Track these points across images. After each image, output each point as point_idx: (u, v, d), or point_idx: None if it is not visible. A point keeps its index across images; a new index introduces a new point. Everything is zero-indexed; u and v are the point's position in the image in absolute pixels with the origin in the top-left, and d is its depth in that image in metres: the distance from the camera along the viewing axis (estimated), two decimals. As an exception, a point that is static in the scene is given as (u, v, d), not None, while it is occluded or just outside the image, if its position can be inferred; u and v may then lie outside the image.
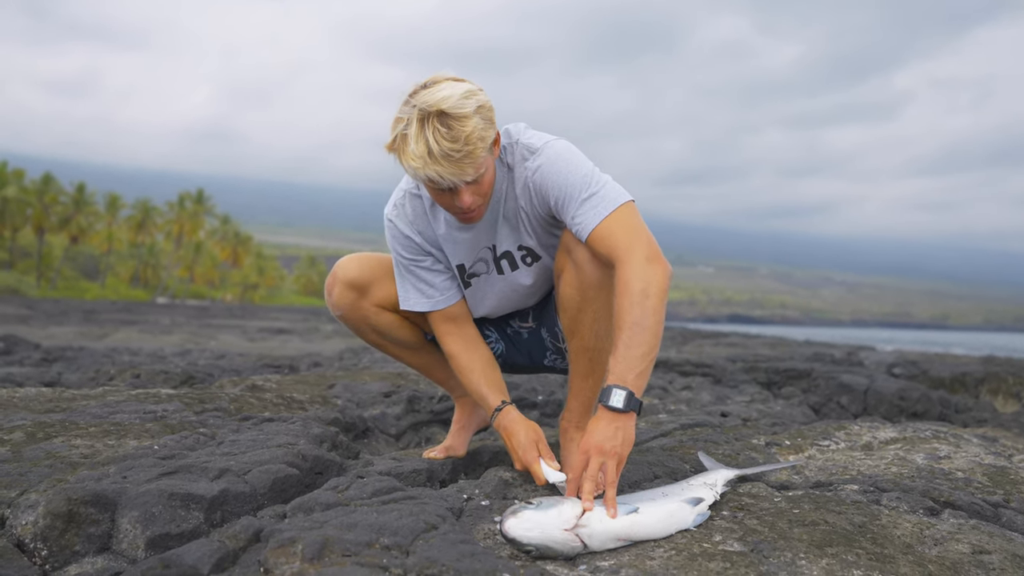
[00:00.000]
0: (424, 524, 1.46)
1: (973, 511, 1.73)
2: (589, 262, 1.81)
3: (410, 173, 1.69)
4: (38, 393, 2.74)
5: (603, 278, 1.82)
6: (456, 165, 1.65)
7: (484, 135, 1.67)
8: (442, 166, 1.64)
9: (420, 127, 1.63)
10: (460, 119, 1.63)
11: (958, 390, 5.18)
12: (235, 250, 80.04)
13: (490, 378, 2.01)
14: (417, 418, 3.14)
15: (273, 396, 2.93)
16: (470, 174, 1.68)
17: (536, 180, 1.85)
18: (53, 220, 60.09)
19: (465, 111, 1.63)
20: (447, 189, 1.72)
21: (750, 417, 3.37)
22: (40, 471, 1.75)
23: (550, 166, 1.83)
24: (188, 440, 2.08)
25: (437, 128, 1.62)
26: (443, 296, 2.03)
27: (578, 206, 1.78)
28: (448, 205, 1.78)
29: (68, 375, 4.52)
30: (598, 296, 1.83)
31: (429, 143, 1.62)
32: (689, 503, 1.60)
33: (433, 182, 1.69)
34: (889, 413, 4.14)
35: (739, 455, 2.24)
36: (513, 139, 1.91)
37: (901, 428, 2.63)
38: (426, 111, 1.63)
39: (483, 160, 1.70)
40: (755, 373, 5.34)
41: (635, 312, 1.65)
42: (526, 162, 1.88)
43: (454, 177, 1.67)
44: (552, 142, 1.87)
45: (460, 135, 1.63)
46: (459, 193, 1.73)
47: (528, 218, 1.92)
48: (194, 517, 1.57)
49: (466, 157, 1.65)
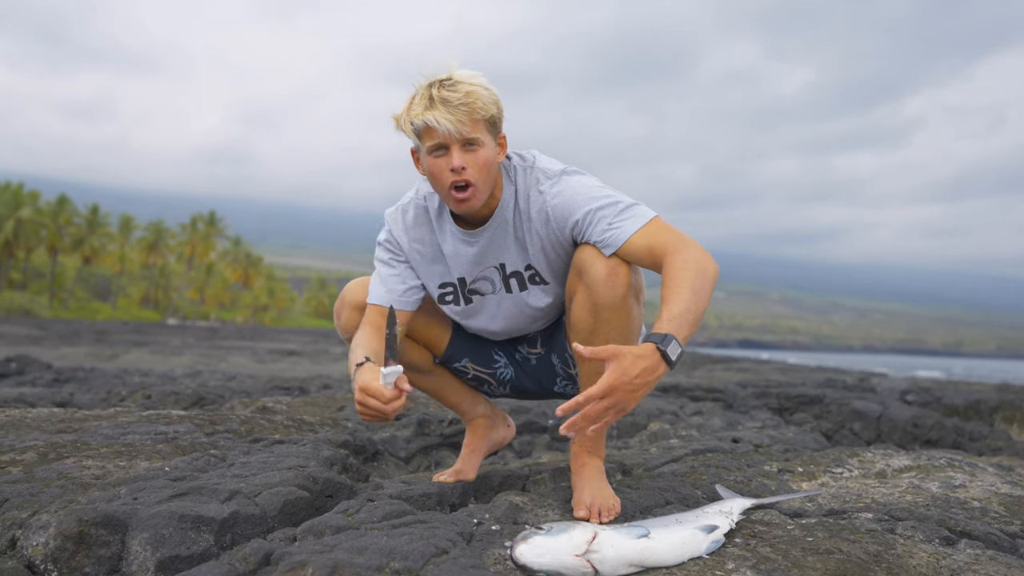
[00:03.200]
0: (435, 548, 1.46)
1: (990, 541, 1.71)
2: (603, 283, 1.80)
3: (411, 132, 1.81)
4: (50, 414, 2.75)
5: (616, 299, 1.81)
6: (452, 111, 1.75)
7: (486, 102, 1.79)
8: (439, 111, 1.75)
9: (428, 87, 1.79)
10: (464, 82, 1.78)
11: (972, 418, 5.13)
12: (246, 272, 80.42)
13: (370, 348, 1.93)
14: (427, 441, 3.14)
15: (283, 418, 2.93)
16: (466, 126, 1.77)
17: (557, 203, 1.87)
18: (67, 241, 60.58)
19: (473, 81, 1.78)
20: (442, 148, 1.79)
21: (762, 443, 3.34)
22: (52, 492, 1.75)
23: (575, 187, 1.87)
24: (199, 462, 2.08)
25: (443, 84, 1.77)
26: (396, 300, 2.02)
27: (615, 215, 1.81)
28: (442, 172, 1.81)
29: (80, 396, 4.54)
30: (612, 318, 1.82)
31: (432, 94, 1.76)
32: (703, 530, 1.59)
33: (429, 130, 1.77)
34: (903, 440, 4.10)
35: (751, 481, 2.22)
36: (528, 163, 1.95)
37: (915, 456, 2.60)
38: (436, 78, 1.79)
39: (480, 126, 1.79)
40: (766, 399, 5.30)
41: (696, 283, 1.65)
42: (541, 186, 1.90)
43: (450, 124, 1.75)
44: (570, 169, 1.93)
45: (461, 90, 1.76)
46: (451, 154, 1.79)
47: (542, 243, 1.93)
48: (204, 539, 1.56)
49: (464, 106, 1.76)
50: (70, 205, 61.07)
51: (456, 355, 2.21)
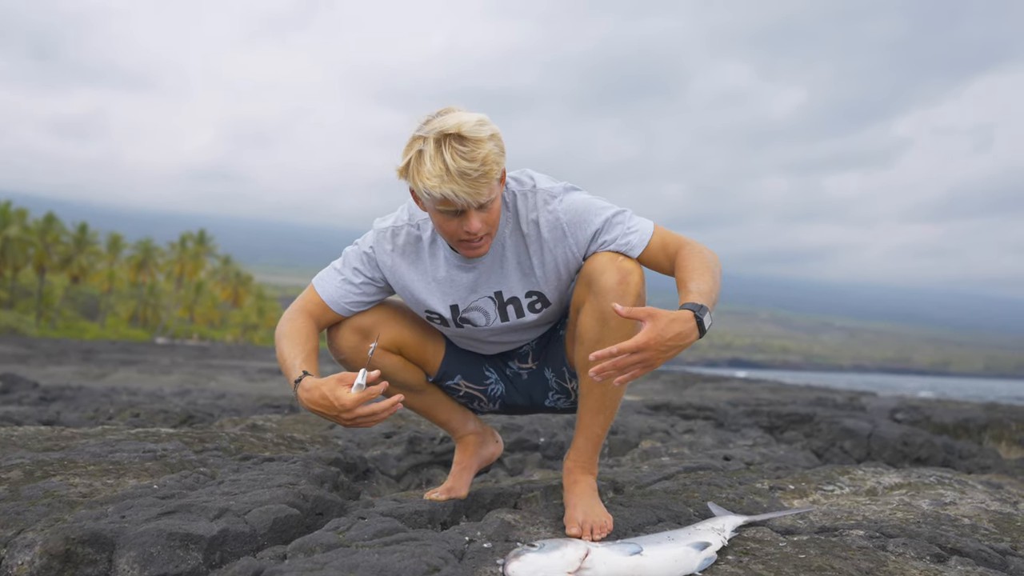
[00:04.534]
0: (426, 566, 1.45)
1: (980, 558, 1.71)
2: (615, 289, 1.81)
3: (423, 194, 1.73)
4: (37, 431, 2.72)
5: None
6: (472, 184, 1.69)
7: (498, 160, 1.74)
8: (458, 184, 1.68)
9: (437, 147, 1.69)
10: (477, 142, 1.69)
11: (961, 436, 5.15)
12: (236, 290, 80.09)
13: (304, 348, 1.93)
14: (418, 459, 3.12)
15: (273, 436, 2.91)
16: (484, 195, 1.72)
17: (571, 217, 1.90)
18: (55, 259, 60.25)
19: (481, 135, 1.70)
20: (457, 214, 1.76)
21: (753, 461, 3.34)
22: (38, 510, 1.73)
23: (582, 200, 1.93)
24: (188, 479, 2.07)
25: (455, 148, 1.68)
26: (337, 306, 2.03)
27: (629, 221, 1.89)
28: (454, 232, 1.80)
29: (67, 414, 4.49)
30: (620, 327, 1.82)
31: (447, 162, 1.67)
32: (695, 547, 1.58)
33: (448, 201, 1.72)
34: (893, 458, 4.10)
35: (743, 499, 2.22)
36: (527, 187, 1.95)
37: (905, 473, 2.60)
38: (444, 133, 1.69)
39: (495, 187, 1.76)
40: (757, 417, 5.31)
41: (714, 269, 1.79)
42: (548, 205, 1.92)
43: (468, 197, 1.70)
44: (570, 186, 1.97)
45: (477, 156, 1.68)
46: (468, 217, 1.76)
47: (556, 261, 1.93)
48: (193, 557, 1.55)
49: (482, 177, 1.70)
50: (58, 223, 60.79)
51: (450, 372, 2.20)
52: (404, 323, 2.12)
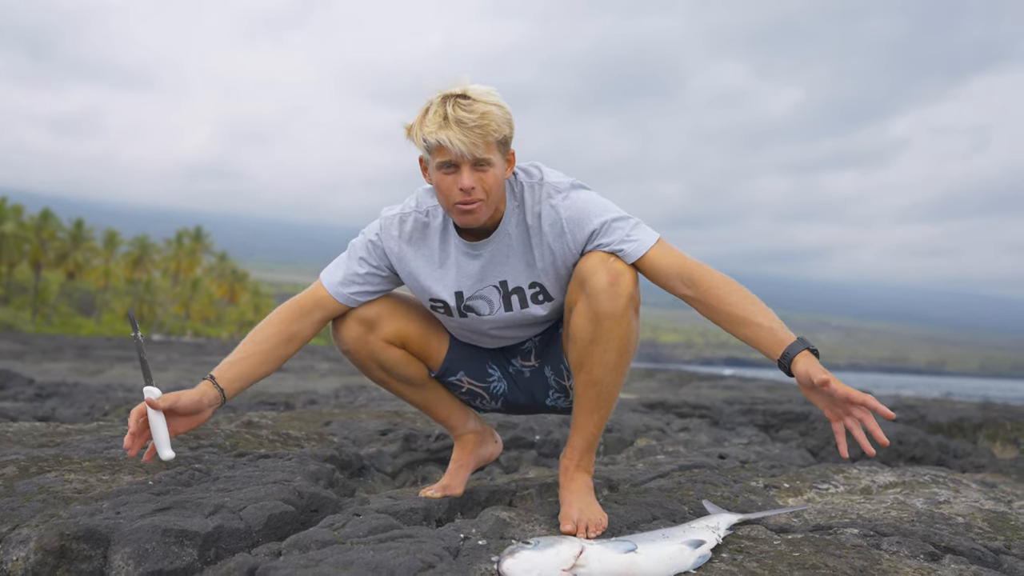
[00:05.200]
0: (421, 563, 1.45)
1: (974, 557, 1.72)
2: (605, 291, 1.81)
3: (422, 145, 1.80)
4: (32, 427, 2.72)
5: (617, 309, 1.82)
6: (467, 132, 1.74)
7: (500, 123, 1.79)
8: (454, 131, 1.74)
9: (442, 102, 1.78)
10: (479, 101, 1.77)
11: (956, 435, 5.15)
12: (232, 287, 79.98)
13: (244, 352, 1.98)
14: (414, 456, 3.12)
15: (269, 432, 2.91)
16: (479, 148, 1.76)
17: (571, 214, 1.90)
18: (50, 256, 60.12)
19: (487, 98, 1.78)
20: (453, 167, 1.79)
21: (748, 459, 3.34)
22: (32, 506, 1.73)
23: (588, 199, 1.92)
24: (183, 476, 2.07)
25: (458, 102, 1.76)
26: (341, 296, 2.04)
27: (631, 228, 1.88)
28: (450, 189, 1.82)
29: (62, 410, 4.48)
30: (613, 327, 1.83)
31: (447, 112, 1.75)
32: (690, 545, 1.59)
33: (442, 149, 1.77)
34: (887, 457, 4.11)
35: (738, 497, 2.23)
36: (535, 179, 1.97)
37: (900, 472, 2.61)
38: (451, 93, 1.78)
39: (493, 147, 1.79)
40: (753, 415, 5.31)
41: (748, 292, 1.85)
42: (552, 200, 1.92)
43: (463, 145, 1.74)
44: (578, 183, 1.97)
45: (477, 110, 1.76)
46: (462, 173, 1.79)
47: (554, 257, 1.93)
48: (188, 554, 1.55)
49: (478, 128, 1.75)
50: (54, 219, 60.65)
51: (452, 368, 2.20)
52: (409, 316, 2.13)
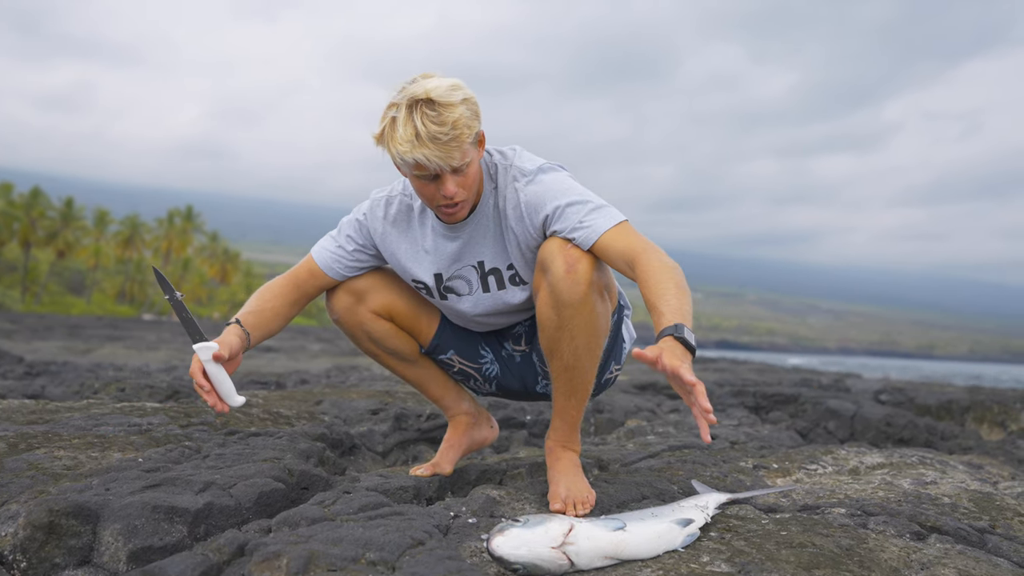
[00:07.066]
0: (411, 540, 1.45)
1: (959, 536, 1.73)
2: (563, 279, 1.78)
3: (397, 160, 1.78)
4: (21, 405, 2.71)
5: (577, 297, 1.79)
6: (442, 148, 1.72)
7: (470, 124, 1.75)
8: (429, 148, 1.71)
9: (408, 113, 1.72)
10: (447, 106, 1.72)
11: (944, 417, 5.19)
12: (223, 267, 79.70)
13: (257, 304, 2.03)
14: (404, 436, 3.13)
15: (259, 411, 2.91)
16: (456, 159, 1.75)
17: (528, 199, 1.88)
18: (40, 234, 59.71)
19: (452, 100, 1.72)
20: (432, 178, 1.78)
21: (738, 440, 3.36)
22: (21, 482, 1.72)
23: (549, 183, 1.88)
24: (173, 453, 2.06)
25: (425, 113, 1.71)
26: (331, 269, 2.08)
27: (586, 213, 1.81)
28: (432, 196, 1.83)
29: (52, 388, 4.47)
30: (575, 315, 1.81)
31: (417, 127, 1.71)
32: (679, 524, 1.60)
33: (420, 166, 1.75)
34: (876, 439, 4.14)
35: (727, 477, 2.24)
36: (508, 161, 1.96)
37: (888, 454, 2.63)
38: (415, 99, 1.72)
39: (468, 150, 1.77)
40: (743, 397, 5.34)
41: (677, 278, 1.68)
42: (517, 183, 1.92)
43: (440, 160, 1.73)
44: (547, 166, 1.93)
45: (447, 120, 1.71)
46: (443, 181, 1.78)
47: (518, 240, 1.93)
48: (177, 530, 1.55)
49: (453, 141, 1.72)
50: (44, 198, 60.17)
51: (443, 346, 2.20)
52: (398, 290, 2.14)
